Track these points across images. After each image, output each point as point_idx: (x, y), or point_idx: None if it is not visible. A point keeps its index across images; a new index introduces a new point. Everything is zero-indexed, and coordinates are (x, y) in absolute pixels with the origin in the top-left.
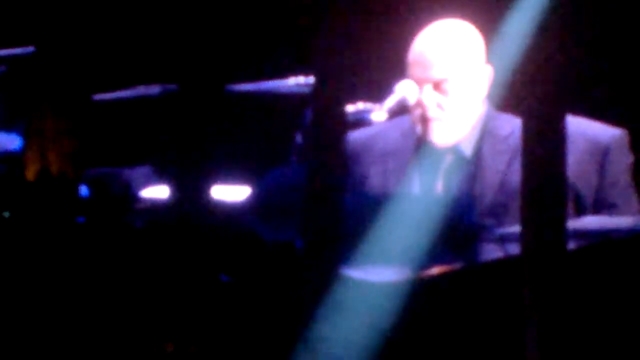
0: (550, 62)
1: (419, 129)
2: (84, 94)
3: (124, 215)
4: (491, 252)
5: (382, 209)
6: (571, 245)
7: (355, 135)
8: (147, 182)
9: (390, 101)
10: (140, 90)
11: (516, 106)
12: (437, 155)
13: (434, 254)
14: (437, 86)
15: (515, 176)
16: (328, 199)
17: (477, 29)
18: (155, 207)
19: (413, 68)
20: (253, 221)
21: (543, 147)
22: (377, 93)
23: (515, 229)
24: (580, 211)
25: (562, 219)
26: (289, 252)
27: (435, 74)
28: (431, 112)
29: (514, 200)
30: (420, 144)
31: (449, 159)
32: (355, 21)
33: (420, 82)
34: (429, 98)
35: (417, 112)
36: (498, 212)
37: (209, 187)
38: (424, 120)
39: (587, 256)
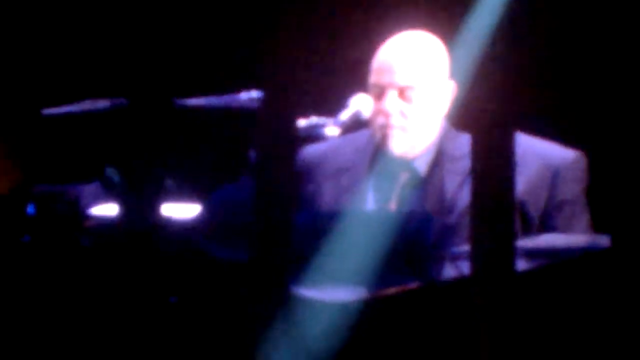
0: (499, 79)
1: (378, 137)
2: (31, 109)
3: (72, 233)
4: (446, 271)
5: (335, 226)
6: (521, 265)
7: (308, 151)
8: (96, 199)
9: (345, 115)
10: (88, 104)
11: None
12: (392, 172)
13: (388, 273)
14: (401, 93)
15: (466, 198)
16: (277, 216)
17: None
18: (104, 225)
19: (378, 74)
20: (203, 240)
21: (491, 166)
22: (331, 107)
23: (467, 248)
24: (527, 231)
25: (510, 239)
26: (240, 272)
27: (401, 80)
28: (394, 120)
29: (464, 221)
30: (375, 160)
31: (403, 177)
32: (309, 34)
33: (384, 89)
34: (392, 105)
35: (379, 120)
36: (449, 232)
37: (158, 205)
38: (385, 128)
39: (538, 277)
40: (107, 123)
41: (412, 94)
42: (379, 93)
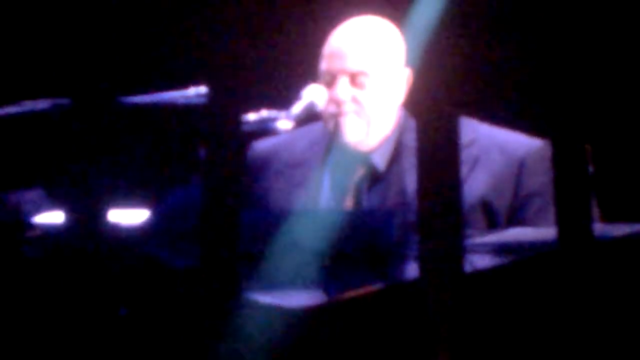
0: (446, 64)
1: (331, 128)
2: None
3: (14, 244)
4: (409, 270)
5: (287, 225)
6: (486, 261)
7: (258, 146)
8: (40, 207)
9: (298, 107)
10: (28, 105)
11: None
12: (348, 166)
13: (347, 275)
14: (353, 79)
15: None
16: (225, 217)
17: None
18: (50, 234)
19: (328, 60)
20: (153, 246)
21: (436, 154)
22: (283, 100)
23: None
24: (493, 228)
25: (458, 232)
26: (193, 278)
27: (352, 65)
28: (346, 107)
29: None
30: (329, 154)
31: (360, 171)
32: (258, 24)
33: (335, 75)
34: (344, 91)
35: (330, 108)
36: (411, 229)
37: (105, 211)
38: (337, 115)
39: (504, 274)
40: (48, 124)
41: (365, 80)
42: (330, 80)
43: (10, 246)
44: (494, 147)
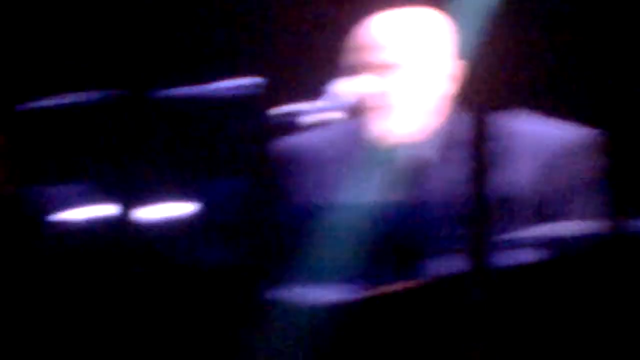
0: (497, 60)
1: (366, 123)
2: (5, 104)
3: (35, 240)
4: (444, 267)
5: (320, 222)
6: (529, 256)
7: (288, 142)
8: (79, 201)
9: (329, 101)
10: (71, 97)
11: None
12: (382, 161)
13: (382, 271)
14: (386, 72)
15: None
16: (269, 214)
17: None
18: (76, 230)
19: (361, 51)
20: (192, 243)
21: (488, 148)
22: (312, 93)
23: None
24: (541, 221)
25: (505, 226)
26: (233, 276)
27: (387, 56)
28: (380, 101)
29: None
30: (362, 149)
31: (396, 165)
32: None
33: (368, 67)
34: (376, 85)
35: (366, 102)
36: (455, 222)
37: (142, 205)
38: (372, 110)
39: (546, 269)
40: (86, 118)
41: (399, 73)
42: (362, 73)
43: (32, 240)
44: (536, 138)
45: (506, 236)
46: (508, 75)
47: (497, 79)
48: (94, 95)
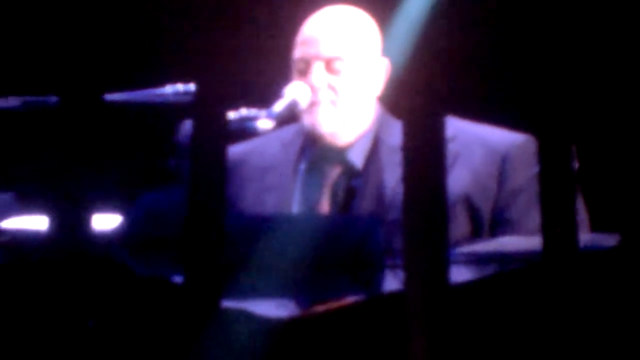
0: (431, 61)
1: (307, 120)
2: None
3: None
4: (390, 281)
5: (261, 232)
6: (468, 273)
7: (230, 150)
8: (8, 211)
9: (279, 106)
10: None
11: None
12: (322, 165)
13: (326, 285)
14: (328, 65)
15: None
16: (210, 224)
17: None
18: (19, 240)
19: (302, 47)
20: (123, 254)
21: (422, 155)
22: (263, 98)
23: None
24: (477, 227)
25: (443, 239)
26: (163, 288)
27: (327, 50)
28: (321, 95)
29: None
30: (302, 155)
31: (335, 172)
32: (238, 18)
33: (309, 61)
34: (318, 77)
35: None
36: (390, 233)
37: (86, 215)
38: (312, 105)
39: (487, 286)
40: (19, 123)
41: (340, 66)
42: (305, 68)
43: None
44: (475, 143)
45: (447, 249)
46: (440, 78)
47: (429, 83)
48: (29, 100)
